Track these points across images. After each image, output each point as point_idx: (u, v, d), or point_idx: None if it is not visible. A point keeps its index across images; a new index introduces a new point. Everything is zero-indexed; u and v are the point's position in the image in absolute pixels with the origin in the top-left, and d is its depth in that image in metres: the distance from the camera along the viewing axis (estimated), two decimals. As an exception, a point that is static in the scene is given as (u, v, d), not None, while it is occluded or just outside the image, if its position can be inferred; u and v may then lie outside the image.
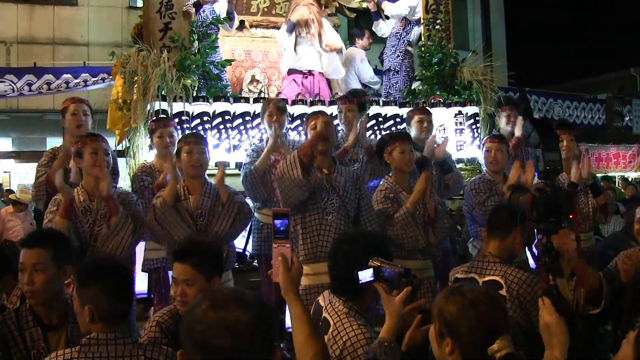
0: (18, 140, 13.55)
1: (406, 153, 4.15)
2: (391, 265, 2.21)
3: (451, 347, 1.79)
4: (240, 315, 1.41)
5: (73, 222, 3.63)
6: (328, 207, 3.79)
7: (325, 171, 3.86)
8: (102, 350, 2.14)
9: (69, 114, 4.43)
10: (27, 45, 12.43)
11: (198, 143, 3.93)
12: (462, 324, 1.77)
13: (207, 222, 3.82)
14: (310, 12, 5.92)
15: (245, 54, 6.53)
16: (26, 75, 9.46)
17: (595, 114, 14.08)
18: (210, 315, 1.41)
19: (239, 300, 1.45)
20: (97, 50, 11.49)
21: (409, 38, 6.50)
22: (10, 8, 12.54)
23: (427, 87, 6.19)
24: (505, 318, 1.83)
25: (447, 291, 1.89)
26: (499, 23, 15.05)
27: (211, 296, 1.48)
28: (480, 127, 5.96)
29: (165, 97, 4.95)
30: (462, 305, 1.79)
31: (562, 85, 19.81)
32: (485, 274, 2.97)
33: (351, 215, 3.89)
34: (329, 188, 3.83)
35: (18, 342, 2.56)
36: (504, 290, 2.86)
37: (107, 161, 3.77)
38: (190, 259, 2.60)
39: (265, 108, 4.58)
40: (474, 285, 1.94)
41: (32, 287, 2.59)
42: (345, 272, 2.37)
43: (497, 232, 3.06)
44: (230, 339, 1.38)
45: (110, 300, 2.23)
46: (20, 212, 9.02)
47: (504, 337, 1.74)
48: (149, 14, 5.39)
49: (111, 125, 5.54)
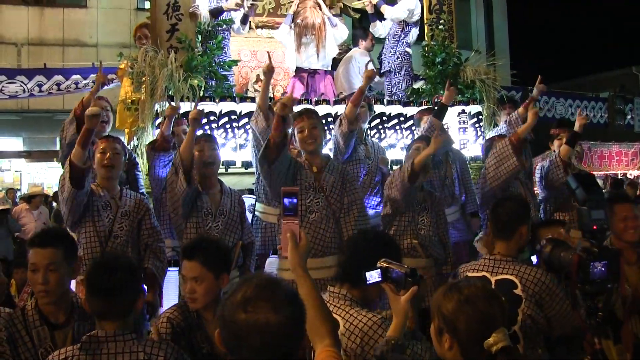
0: (29, 140, 13.66)
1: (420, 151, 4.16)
2: (398, 266, 2.26)
3: (450, 343, 1.82)
4: (270, 317, 1.48)
5: (91, 215, 3.68)
6: (312, 206, 3.76)
7: (315, 169, 3.86)
8: (102, 347, 2.16)
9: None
10: (37, 46, 12.55)
11: (208, 141, 4.01)
12: (459, 320, 1.80)
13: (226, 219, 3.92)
14: (317, 16, 6.00)
15: (251, 54, 6.61)
16: (36, 76, 9.53)
17: (597, 112, 14.02)
18: (242, 316, 1.49)
19: (270, 299, 1.51)
20: (106, 51, 11.58)
21: (408, 40, 6.54)
22: (21, 10, 12.67)
23: (430, 86, 6.25)
24: (502, 312, 1.84)
25: (445, 288, 1.92)
26: (502, 23, 15.04)
27: (243, 292, 1.53)
28: (483, 126, 6.03)
29: (173, 97, 5.01)
30: (459, 301, 1.82)
31: (564, 83, 19.72)
32: (498, 273, 2.86)
33: (337, 215, 3.85)
34: (317, 187, 3.81)
35: (26, 341, 2.56)
36: (519, 289, 2.77)
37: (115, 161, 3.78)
38: (198, 257, 2.63)
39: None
40: (471, 281, 1.95)
41: (47, 287, 2.58)
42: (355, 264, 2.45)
43: (502, 234, 2.97)
44: (260, 340, 1.47)
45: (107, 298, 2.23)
46: (35, 210, 9.13)
47: (500, 330, 1.76)
48: (156, 15, 5.47)
49: (120, 125, 5.64)
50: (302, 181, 3.79)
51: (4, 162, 13.35)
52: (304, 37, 6.00)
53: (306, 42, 6.02)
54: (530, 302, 2.75)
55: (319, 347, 1.82)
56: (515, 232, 2.91)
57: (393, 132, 5.73)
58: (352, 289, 2.50)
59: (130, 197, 3.89)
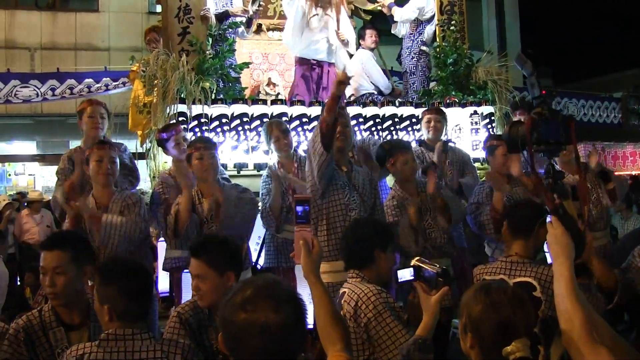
0: (42, 143, 13.75)
1: (409, 162, 4.17)
2: (430, 266, 2.29)
3: (471, 342, 1.83)
4: (270, 316, 1.48)
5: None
6: (351, 204, 3.80)
7: (344, 168, 3.91)
8: (119, 345, 2.19)
9: (86, 116, 4.42)
10: (50, 51, 12.63)
11: (208, 148, 4.00)
12: (482, 323, 1.81)
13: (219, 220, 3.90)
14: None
15: (263, 56, 6.62)
16: (50, 80, 9.63)
17: (611, 112, 13.89)
18: (242, 315, 1.49)
19: (270, 299, 1.51)
20: (118, 54, 11.66)
21: (423, 38, 6.53)
22: (34, 15, 12.77)
23: (442, 87, 6.24)
24: (527, 321, 1.84)
25: (476, 287, 1.93)
26: (513, 23, 14.97)
27: (242, 292, 1.54)
28: (495, 127, 6.00)
29: (185, 99, 5.04)
30: (485, 305, 1.83)
31: (577, 84, 19.57)
32: (516, 275, 2.87)
33: (368, 212, 3.91)
34: (350, 185, 3.86)
35: (43, 342, 2.61)
36: (539, 291, 2.77)
37: (112, 169, 3.84)
38: (203, 255, 2.66)
39: (269, 133, 4.57)
40: (502, 285, 1.95)
41: (55, 289, 2.64)
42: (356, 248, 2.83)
43: (521, 233, 2.99)
44: (261, 339, 1.47)
45: (127, 301, 2.28)
46: (36, 214, 9.16)
47: (521, 340, 1.75)
48: (168, 18, 5.49)
49: (133, 127, 5.67)
50: (337, 180, 3.83)
51: (18, 166, 13.46)
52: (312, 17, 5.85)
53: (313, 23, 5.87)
54: (550, 303, 2.70)
55: (330, 351, 1.85)
56: (532, 231, 2.92)
57: (405, 134, 5.72)
58: (362, 271, 2.80)
59: (118, 201, 3.88)
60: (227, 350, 1.56)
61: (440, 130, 5.01)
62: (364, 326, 2.59)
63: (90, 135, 4.40)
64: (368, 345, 2.61)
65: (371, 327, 2.58)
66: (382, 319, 2.57)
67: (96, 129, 4.40)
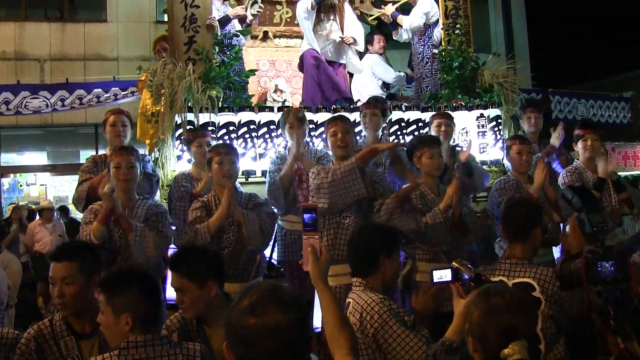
0: (53, 153, 13.86)
1: (435, 158, 4.14)
2: (467, 269, 2.31)
3: (474, 346, 1.88)
4: (279, 318, 1.52)
5: (108, 229, 3.75)
6: (345, 211, 3.86)
7: None
8: (140, 352, 2.19)
9: (109, 125, 4.58)
10: (59, 61, 12.71)
11: (229, 154, 4.04)
12: (483, 328, 1.85)
13: (237, 229, 3.90)
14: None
15: (270, 63, 6.66)
16: (59, 91, 9.68)
17: (620, 112, 13.77)
18: (252, 320, 1.52)
19: (277, 302, 1.55)
20: (127, 64, 11.72)
21: (432, 42, 6.55)
22: (43, 27, 12.89)
23: (448, 90, 6.24)
24: (527, 322, 1.86)
25: (478, 292, 1.97)
26: (521, 25, 14.91)
27: (249, 298, 1.57)
28: (502, 129, 5.98)
29: (192, 108, 5.07)
30: (484, 310, 1.86)
31: (586, 84, 19.50)
32: (515, 276, 2.90)
33: (368, 214, 3.93)
34: None
35: (54, 351, 2.64)
36: (538, 291, 2.80)
37: (130, 174, 3.89)
38: (181, 269, 2.69)
39: (285, 119, 4.65)
40: (500, 289, 1.97)
41: (63, 300, 2.67)
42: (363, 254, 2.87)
43: (518, 236, 3.01)
44: (272, 342, 1.51)
45: (148, 304, 2.30)
46: (48, 224, 9.25)
47: (518, 342, 1.77)
48: (174, 28, 5.53)
49: (141, 136, 5.71)
50: None
51: (29, 177, 13.58)
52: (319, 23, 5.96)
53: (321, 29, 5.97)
54: (550, 303, 2.79)
55: (337, 355, 1.88)
56: (530, 234, 2.98)
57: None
58: (365, 278, 2.83)
59: (143, 207, 3.95)
60: (235, 357, 1.58)
61: (450, 134, 5.02)
62: (371, 336, 2.62)
63: (112, 143, 4.55)
64: (379, 354, 2.63)
65: (379, 336, 2.61)
66: (388, 327, 2.60)
67: (118, 137, 4.55)
